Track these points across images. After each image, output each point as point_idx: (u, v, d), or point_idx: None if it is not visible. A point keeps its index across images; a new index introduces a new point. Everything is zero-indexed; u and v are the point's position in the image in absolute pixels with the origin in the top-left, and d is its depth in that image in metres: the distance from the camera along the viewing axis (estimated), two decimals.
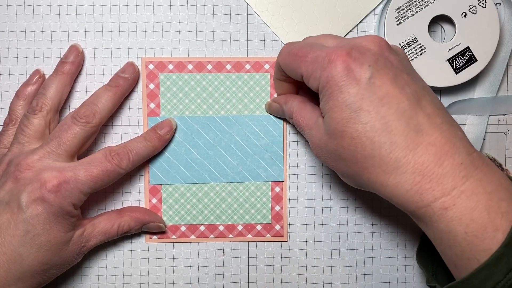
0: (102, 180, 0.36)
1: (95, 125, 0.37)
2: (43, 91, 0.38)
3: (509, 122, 0.42)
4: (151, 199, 0.41)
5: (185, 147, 0.40)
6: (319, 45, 0.33)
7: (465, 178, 0.28)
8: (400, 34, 0.39)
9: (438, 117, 0.30)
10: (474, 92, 0.41)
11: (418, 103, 0.30)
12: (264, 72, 0.41)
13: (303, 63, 0.33)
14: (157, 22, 0.41)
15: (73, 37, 0.40)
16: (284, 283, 0.41)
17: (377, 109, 0.29)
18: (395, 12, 0.39)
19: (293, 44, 0.35)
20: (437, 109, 0.30)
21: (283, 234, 0.41)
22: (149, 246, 0.41)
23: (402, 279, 0.42)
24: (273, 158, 0.41)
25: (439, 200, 0.28)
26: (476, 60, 0.39)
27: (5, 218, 0.34)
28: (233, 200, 0.41)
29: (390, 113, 0.29)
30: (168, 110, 0.41)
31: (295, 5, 0.41)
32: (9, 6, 0.40)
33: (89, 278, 0.41)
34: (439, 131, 0.29)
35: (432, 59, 0.39)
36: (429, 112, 0.30)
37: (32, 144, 0.36)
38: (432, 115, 0.30)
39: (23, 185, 0.34)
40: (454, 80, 0.39)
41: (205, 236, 0.41)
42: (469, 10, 0.39)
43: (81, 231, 0.37)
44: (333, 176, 0.41)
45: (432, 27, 0.40)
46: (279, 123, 0.41)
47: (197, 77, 0.41)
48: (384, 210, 0.41)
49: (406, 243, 0.42)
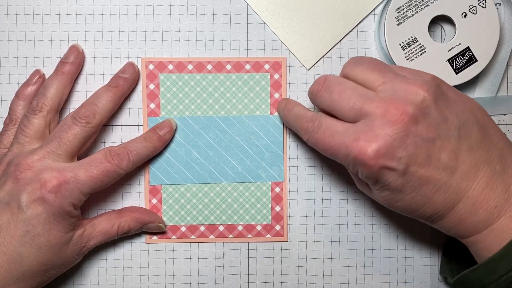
0: (102, 180, 0.35)
1: (95, 125, 0.37)
2: (43, 91, 0.38)
3: (509, 122, 0.42)
4: (151, 200, 0.41)
5: (185, 148, 0.40)
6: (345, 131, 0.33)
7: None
8: (400, 34, 0.39)
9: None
10: (474, 92, 0.41)
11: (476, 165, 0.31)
12: (264, 72, 0.41)
13: (337, 152, 0.33)
14: (157, 22, 0.41)
15: (73, 37, 0.40)
16: (284, 283, 0.41)
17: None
18: (395, 12, 0.39)
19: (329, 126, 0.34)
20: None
21: (283, 234, 0.41)
22: (149, 247, 0.41)
23: (402, 279, 0.42)
24: (273, 159, 0.41)
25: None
26: (476, 60, 0.39)
27: (5, 218, 0.34)
28: (233, 201, 0.41)
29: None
30: (168, 111, 0.41)
31: (295, 5, 0.41)
32: (9, 6, 0.40)
33: (89, 278, 0.41)
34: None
35: (432, 59, 0.39)
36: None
37: (32, 144, 0.36)
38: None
39: (23, 185, 0.34)
40: (454, 80, 0.39)
41: (205, 237, 0.41)
42: (469, 10, 0.39)
43: (81, 232, 0.37)
44: (333, 176, 0.41)
45: (432, 27, 0.40)
46: (279, 123, 0.41)
47: (197, 77, 0.41)
48: (385, 210, 0.41)
49: (406, 243, 0.42)
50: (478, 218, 0.31)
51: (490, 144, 0.32)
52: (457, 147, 0.31)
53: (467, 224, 0.31)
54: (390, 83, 0.32)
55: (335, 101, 0.33)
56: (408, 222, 0.41)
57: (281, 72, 0.41)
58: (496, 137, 0.32)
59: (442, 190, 0.31)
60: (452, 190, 0.31)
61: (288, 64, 0.41)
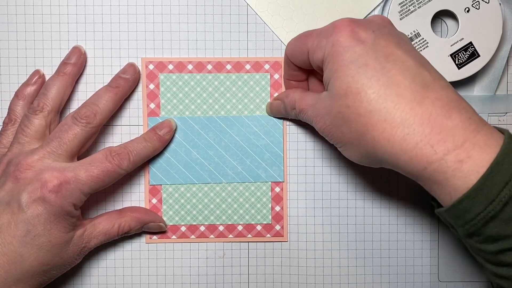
0: (102, 180, 0.36)
1: (95, 125, 0.37)
2: (44, 91, 0.38)
3: (509, 122, 0.42)
4: (151, 199, 0.41)
5: (185, 148, 0.40)
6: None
7: (475, 131, 0.28)
8: (402, 29, 0.39)
9: (442, 80, 0.30)
10: (474, 90, 0.41)
11: (423, 65, 0.30)
12: (264, 72, 0.41)
13: (309, 38, 0.33)
14: (157, 22, 0.41)
15: (73, 37, 0.40)
16: (284, 283, 0.41)
17: (382, 64, 0.29)
18: (398, 7, 0.39)
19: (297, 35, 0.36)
20: (440, 75, 0.31)
21: (283, 234, 0.41)
22: (149, 246, 0.41)
23: (402, 279, 0.42)
24: (273, 159, 0.41)
25: (452, 152, 0.27)
26: (478, 55, 0.39)
27: (5, 218, 0.34)
28: (233, 200, 0.41)
29: (395, 68, 0.29)
30: (168, 110, 0.41)
31: (295, 5, 0.41)
32: (9, 6, 0.40)
33: (89, 278, 0.41)
34: (445, 90, 0.29)
35: (435, 54, 0.39)
36: (433, 74, 0.30)
37: (32, 144, 0.36)
38: (437, 78, 0.30)
39: (23, 185, 0.34)
40: (456, 75, 0.39)
41: (205, 236, 0.41)
42: (472, 5, 0.39)
43: (82, 232, 0.37)
44: (333, 176, 0.41)
45: (435, 22, 0.40)
46: (279, 124, 0.41)
47: (197, 77, 0.41)
48: (384, 210, 0.41)
49: (406, 243, 0.42)
50: (454, 123, 0.29)
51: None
52: None
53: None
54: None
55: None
56: (408, 222, 0.41)
57: (281, 72, 0.41)
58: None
59: (410, 73, 0.30)
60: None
61: None
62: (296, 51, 0.35)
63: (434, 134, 0.28)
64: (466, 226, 0.28)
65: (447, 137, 0.28)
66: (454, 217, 0.29)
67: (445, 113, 0.28)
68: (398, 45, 0.30)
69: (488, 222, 0.27)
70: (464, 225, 0.29)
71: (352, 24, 0.31)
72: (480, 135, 0.28)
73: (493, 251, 0.28)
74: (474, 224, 0.28)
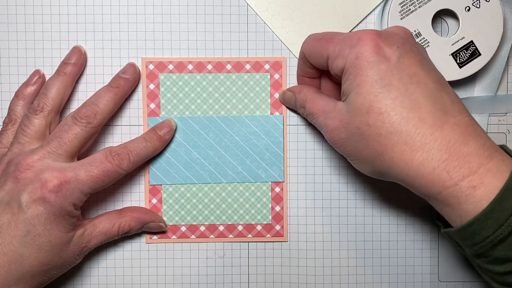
0: (102, 180, 0.36)
1: (96, 125, 0.37)
2: (44, 91, 0.38)
3: (509, 122, 0.42)
4: (151, 199, 0.41)
5: (185, 148, 0.40)
6: (343, 32, 0.33)
7: (489, 158, 0.29)
8: None
9: (460, 104, 0.31)
10: (474, 90, 0.41)
11: (443, 88, 0.31)
12: (264, 72, 0.41)
13: (330, 44, 0.33)
14: (157, 22, 0.41)
15: (73, 37, 0.40)
16: (284, 283, 0.41)
17: (406, 86, 0.30)
18: (398, 6, 0.39)
19: (316, 33, 0.35)
20: (457, 97, 0.31)
21: (283, 234, 0.41)
22: (149, 246, 0.41)
23: (402, 279, 0.42)
24: (273, 159, 0.41)
25: (467, 178, 0.28)
26: (480, 54, 0.39)
27: (5, 218, 0.34)
28: (233, 200, 0.41)
29: (418, 92, 0.30)
30: (168, 111, 0.41)
31: (295, 5, 0.41)
32: (9, 6, 0.40)
33: (89, 278, 0.41)
34: (462, 115, 0.30)
35: (436, 53, 0.39)
36: (452, 98, 0.31)
37: (32, 144, 0.36)
38: (455, 101, 0.31)
39: (23, 185, 0.34)
40: (457, 74, 0.39)
41: (205, 236, 0.41)
42: (473, 4, 0.39)
43: (82, 232, 0.37)
44: (333, 176, 0.41)
45: (435, 21, 0.40)
46: (279, 124, 0.41)
47: (197, 77, 0.41)
48: (384, 210, 0.41)
49: (406, 243, 0.42)
50: (470, 150, 0.30)
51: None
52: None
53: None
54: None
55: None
56: (408, 222, 0.41)
57: (281, 72, 0.41)
58: None
59: (432, 97, 0.31)
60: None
61: (288, 64, 0.41)
62: (314, 52, 0.35)
63: (451, 161, 0.29)
64: (475, 248, 0.29)
65: (463, 163, 0.29)
66: (462, 239, 0.30)
67: (462, 139, 0.29)
68: (421, 64, 0.31)
69: (496, 245, 0.28)
70: (472, 246, 0.29)
71: (377, 38, 0.31)
72: (493, 162, 0.29)
73: (500, 272, 0.29)
74: (482, 246, 0.29)
